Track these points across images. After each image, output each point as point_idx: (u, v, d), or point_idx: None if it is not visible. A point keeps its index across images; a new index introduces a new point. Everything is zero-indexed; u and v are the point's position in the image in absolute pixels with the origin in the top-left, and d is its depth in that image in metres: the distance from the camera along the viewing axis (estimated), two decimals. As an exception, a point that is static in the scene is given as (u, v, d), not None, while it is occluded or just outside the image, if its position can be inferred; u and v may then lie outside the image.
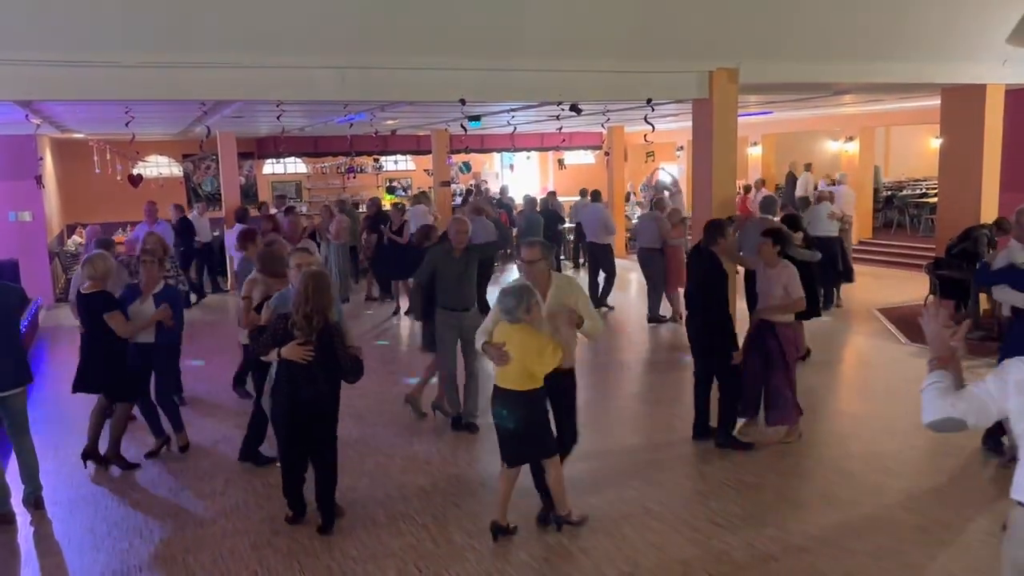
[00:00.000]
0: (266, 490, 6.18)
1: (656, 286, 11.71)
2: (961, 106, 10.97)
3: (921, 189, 19.84)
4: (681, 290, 9.95)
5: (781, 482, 6.05)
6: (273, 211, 15.18)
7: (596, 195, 13.77)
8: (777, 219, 9.69)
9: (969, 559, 4.82)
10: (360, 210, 17.64)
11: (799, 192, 17.77)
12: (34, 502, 5.93)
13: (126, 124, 9.70)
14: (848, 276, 12.48)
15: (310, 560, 5.04)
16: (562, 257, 17.53)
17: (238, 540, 5.39)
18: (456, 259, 7.19)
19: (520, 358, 4.87)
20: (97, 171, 15.44)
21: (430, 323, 7.46)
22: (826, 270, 10.93)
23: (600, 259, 12.79)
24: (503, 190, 21.01)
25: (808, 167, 19.29)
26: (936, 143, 13.10)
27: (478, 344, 5.12)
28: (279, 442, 5.58)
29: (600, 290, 12.54)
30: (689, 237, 11.32)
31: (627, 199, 20.52)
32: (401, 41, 7.70)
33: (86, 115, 11.92)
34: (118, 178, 15.86)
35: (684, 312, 7.33)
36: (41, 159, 13.95)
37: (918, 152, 21.16)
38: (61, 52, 6.75)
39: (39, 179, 13.06)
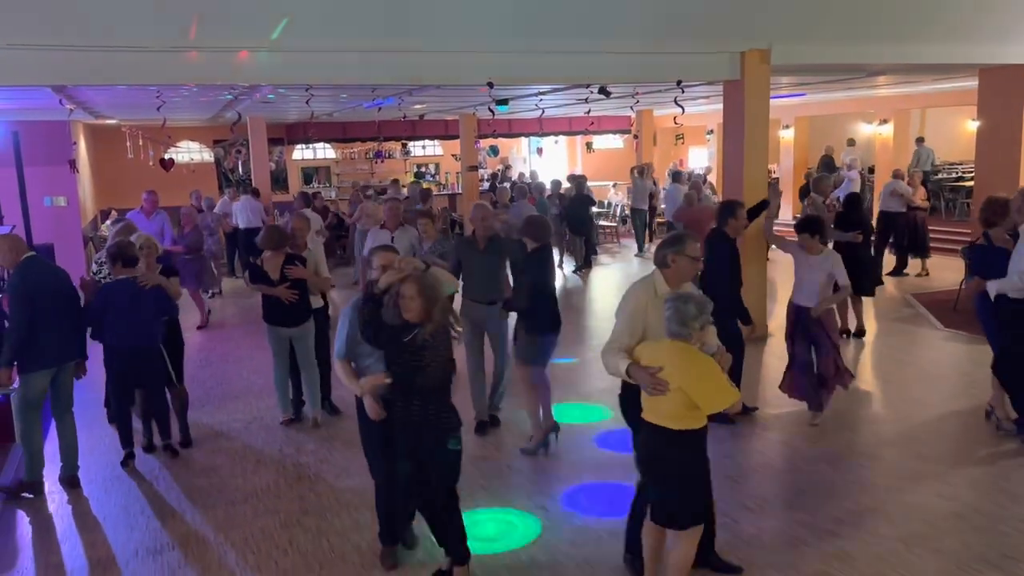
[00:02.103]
0: (296, 471, 6.25)
1: None
2: (999, 87, 10.74)
3: (957, 173, 19.48)
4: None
5: (812, 467, 5.99)
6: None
7: (676, 175, 13.91)
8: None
9: (1004, 546, 4.74)
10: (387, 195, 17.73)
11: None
12: (69, 480, 6.06)
13: (157, 109, 9.80)
14: (916, 250, 13.00)
15: (339, 539, 5.08)
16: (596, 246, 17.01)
17: (269, 519, 5.45)
18: (479, 250, 6.62)
19: (683, 386, 3.83)
20: (130, 156, 15.65)
21: (531, 333, 6.32)
22: (897, 244, 12.97)
23: None
24: (533, 175, 20.93)
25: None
26: (973, 125, 12.85)
27: (621, 369, 4.00)
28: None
29: None
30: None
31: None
32: (429, 24, 7.68)
33: (118, 100, 12.06)
34: (150, 163, 16.06)
35: None
36: (74, 144, 14.14)
37: (954, 135, 20.76)
38: (93, 37, 6.82)
39: (73, 163, 13.26)
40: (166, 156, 16.34)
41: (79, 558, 5.06)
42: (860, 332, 9.45)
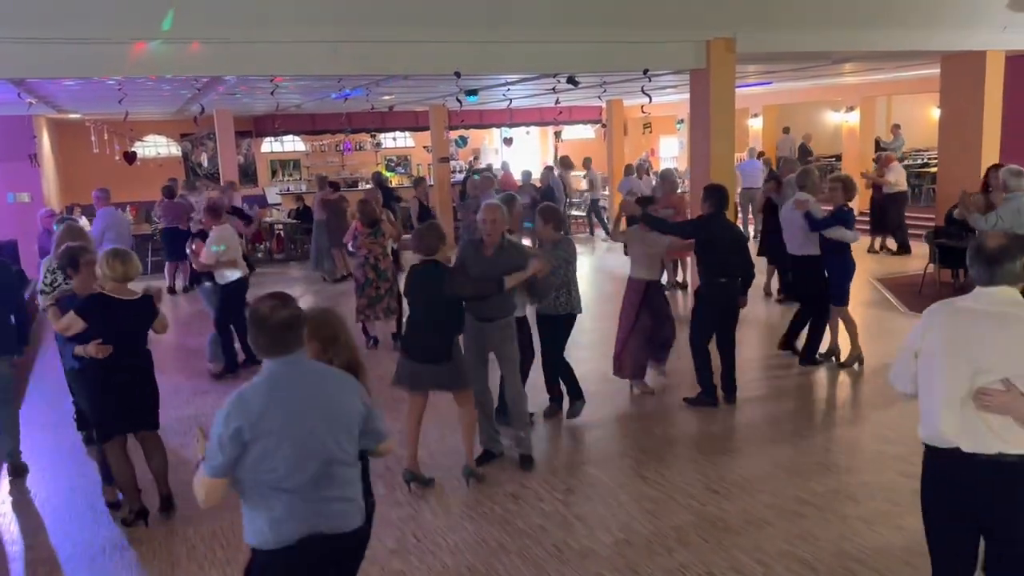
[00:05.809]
0: (265, 464, 6.22)
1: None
2: (961, 74, 10.90)
3: (922, 159, 19.74)
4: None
5: (778, 450, 6.07)
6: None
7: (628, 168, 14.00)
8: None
9: (963, 523, 4.84)
10: (367, 185, 17.67)
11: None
12: (13, 469, 6.10)
13: (119, 101, 9.67)
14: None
15: (308, 531, 5.07)
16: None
17: (236, 513, 5.30)
18: (487, 257, 5.64)
19: None
20: (95, 151, 15.42)
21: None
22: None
23: None
24: (504, 165, 20.86)
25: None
26: (938, 112, 13.02)
27: None
28: None
29: None
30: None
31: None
32: (394, 14, 7.65)
33: (79, 94, 11.86)
34: (116, 158, 15.84)
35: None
36: (35, 138, 13.93)
37: (920, 122, 21.03)
38: (50, 30, 6.72)
39: (33, 158, 13.07)
40: (130, 150, 16.12)
41: (44, 555, 5.02)
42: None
